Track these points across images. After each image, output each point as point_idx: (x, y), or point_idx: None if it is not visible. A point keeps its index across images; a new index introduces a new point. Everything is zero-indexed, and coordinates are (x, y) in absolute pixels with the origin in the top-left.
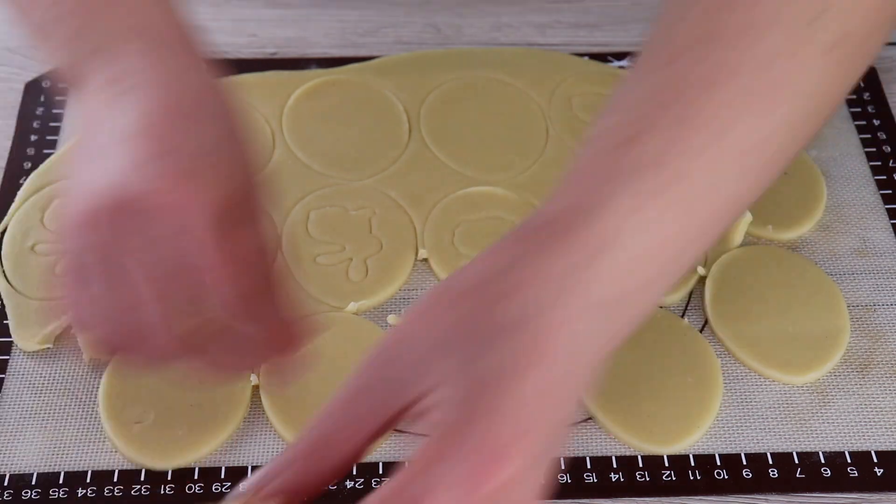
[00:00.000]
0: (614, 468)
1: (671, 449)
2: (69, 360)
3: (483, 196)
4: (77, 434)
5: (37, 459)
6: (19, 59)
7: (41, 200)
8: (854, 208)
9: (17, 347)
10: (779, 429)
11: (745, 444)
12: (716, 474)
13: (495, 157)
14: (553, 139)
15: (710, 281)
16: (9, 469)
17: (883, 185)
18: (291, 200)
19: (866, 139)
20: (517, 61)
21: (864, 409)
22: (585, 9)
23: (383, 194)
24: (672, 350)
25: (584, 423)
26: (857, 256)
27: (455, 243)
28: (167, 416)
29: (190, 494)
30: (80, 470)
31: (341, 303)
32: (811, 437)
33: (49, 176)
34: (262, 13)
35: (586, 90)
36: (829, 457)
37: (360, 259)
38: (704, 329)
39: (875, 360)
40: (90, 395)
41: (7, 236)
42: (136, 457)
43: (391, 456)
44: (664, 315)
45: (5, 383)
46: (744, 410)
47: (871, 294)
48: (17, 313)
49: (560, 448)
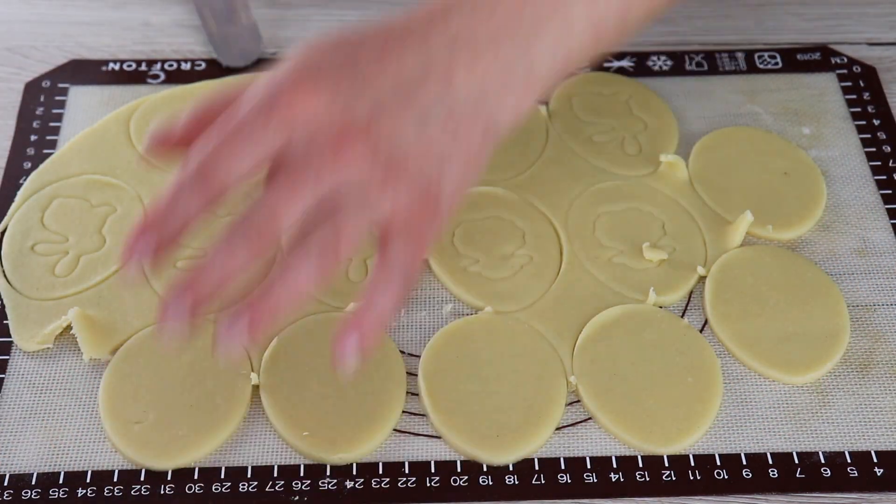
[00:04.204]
0: (614, 468)
1: (671, 449)
2: (69, 359)
3: (483, 196)
4: (77, 434)
5: (37, 459)
6: (19, 59)
7: (41, 200)
8: (854, 208)
9: (17, 347)
10: (779, 429)
11: (745, 444)
12: (716, 474)
13: (495, 157)
14: (553, 139)
15: (710, 281)
16: (9, 469)
17: (883, 184)
18: None
19: (866, 139)
20: None
21: (864, 410)
22: None
23: None
24: (672, 350)
25: (584, 423)
26: (857, 256)
27: (455, 243)
28: (167, 415)
29: (190, 494)
30: (80, 470)
31: (341, 303)
32: (811, 437)
33: (49, 176)
34: (263, 13)
35: (586, 90)
36: (829, 457)
37: (359, 259)
38: (704, 329)
39: (875, 360)
40: (90, 395)
41: (7, 236)
42: (136, 457)
43: (391, 457)
44: (664, 315)
45: (5, 383)
46: (744, 410)
47: (871, 294)
48: (17, 313)
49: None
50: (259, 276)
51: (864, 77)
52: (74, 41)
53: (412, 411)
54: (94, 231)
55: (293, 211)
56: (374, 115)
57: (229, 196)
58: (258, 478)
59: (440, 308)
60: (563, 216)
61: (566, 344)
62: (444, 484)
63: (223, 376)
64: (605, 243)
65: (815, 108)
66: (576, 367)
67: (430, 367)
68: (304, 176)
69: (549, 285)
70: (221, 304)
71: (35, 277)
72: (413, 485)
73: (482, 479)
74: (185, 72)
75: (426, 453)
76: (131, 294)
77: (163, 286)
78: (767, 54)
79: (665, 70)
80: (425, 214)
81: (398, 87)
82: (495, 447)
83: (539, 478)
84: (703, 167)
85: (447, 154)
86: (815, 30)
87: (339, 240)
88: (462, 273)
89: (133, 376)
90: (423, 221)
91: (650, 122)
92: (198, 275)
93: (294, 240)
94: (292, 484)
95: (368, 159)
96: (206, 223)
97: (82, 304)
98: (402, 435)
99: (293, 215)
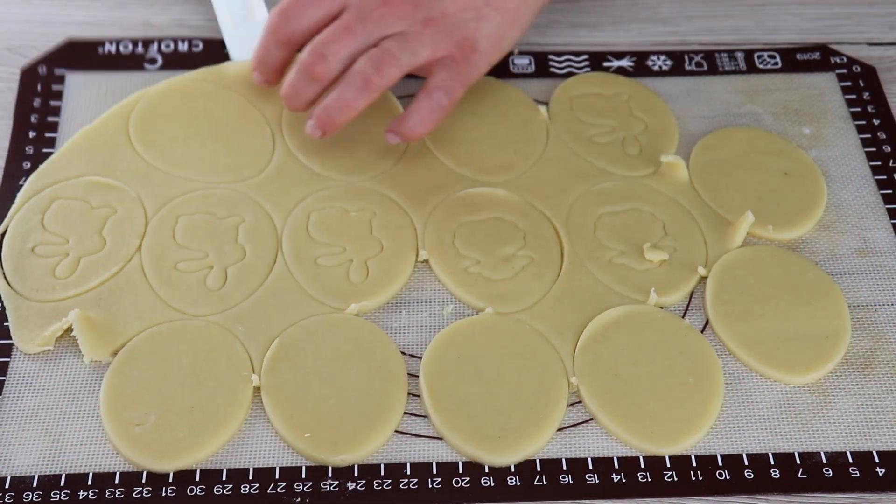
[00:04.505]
0: (616, 469)
1: (673, 449)
2: (70, 361)
3: (483, 197)
4: (78, 436)
5: (38, 462)
6: (19, 59)
7: (41, 202)
8: (854, 208)
9: (18, 349)
10: (780, 429)
11: (747, 444)
12: (717, 475)
13: (495, 158)
14: (553, 140)
15: (711, 281)
16: (10, 471)
17: (883, 184)
18: (292, 202)
19: (866, 139)
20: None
21: (865, 410)
22: (585, 9)
23: (383, 195)
24: (673, 351)
25: (586, 424)
26: (857, 256)
27: (456, 244)
28: (168, 417)
29: (192, 496)
30: (82, 472)
31: (342, 304)
32: (813, 438)
33: (49, 177)
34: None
35: (586, 91)
36: (831, 457)
37: (360, 260)
38: (705, 329)
39: (876, 360)
40: (91, 397)
41: (7, 238)
42: (137, 459)
43: (393, 458)
44: (665, 316)
45: (6, 385)
46: (745, 411)
47: (872, 294)
48: (18, 315)
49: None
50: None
51: (863, 77)
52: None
53: (413, 412)
54: (94, 232)
55: (342, 51)
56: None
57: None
58: (260, 479)
59: (441, 309)
60: (563, 217)
61: (567, 345)
62: (445, 485)
63: (224, 378)
64: (605, 244)
65: (815, 108)
66: (577, 367)
67: (431, 368)
68: (352, 23)
69: (550, 286)
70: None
71: (35, 279)
72: (415, 486)
73: (484, 481)
74: (182, 54)
75: (428, 454)
76: (132, 296)
77: (163, 288)
78: (767, 54)
79: (665, 70)
80: (461, 59)
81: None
82: (497, 448)
83: (541, 479)
84: (703, 167)
85: (483, 14)
86: (815, 30)
87: (377, 69)
88: (463, 274)
89: (134, 378)
90: (460, 63)
91: (650, 122)
92: (289, 104)
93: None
94: (294, 485)
95: (410, 12)
96: (208, 225)
97: (83, 305)
98: (403, 436)
99: (342, 55)
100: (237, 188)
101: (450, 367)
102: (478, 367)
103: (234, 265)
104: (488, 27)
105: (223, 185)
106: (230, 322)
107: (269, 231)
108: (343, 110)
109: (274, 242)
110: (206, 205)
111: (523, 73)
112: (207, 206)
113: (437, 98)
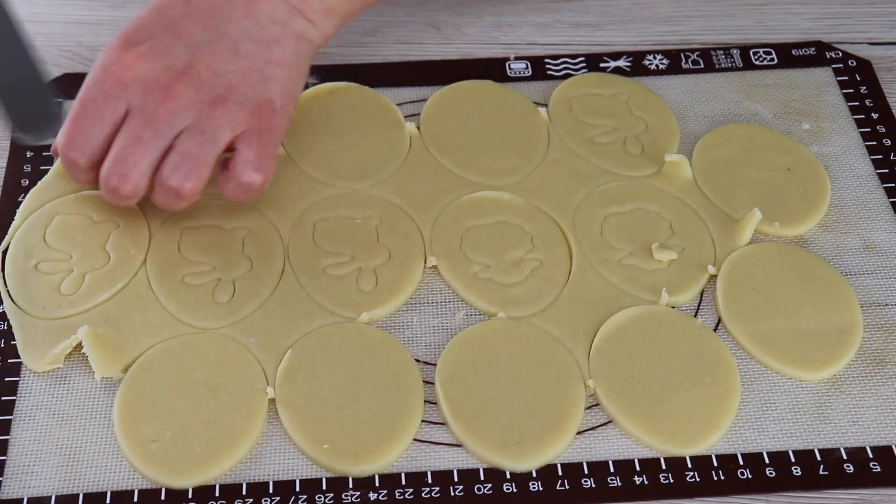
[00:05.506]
0: (638, 471)
1: (693, 450)
2: (80, 379)
3: (489, 201)
4: (94, 454)
5: (54, 482)
6: None
7: (42, 218)
8: (857, 203)
9: (27, 368)
10: (798, 426)
11: (766, 442)
12: (739, 474)
13: (497, 161)
14: (554, 142)
15: (721, 279)
16: (27, 493)
17: (886, 178)
18: (296, 211)
19: (865, 133)
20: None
21: (882, 404)
22: (585, 9)
23: (388, 202)
24: (688, 350)
25: (605, 427)
26: (862, 251)
27: (463, 249)
28: (184, 433)
29: None
30: (100, 491)
31: (353, 313)
32: (832, 434)
33: (48, 193)
34: None
35: (584, 91)
36: (851, 452)
37: (369, 268)
38: (718, 328)
39: (890, 353)
40: (104, 415)
41: (9, 256)
42: (154, 476)
43: (413, 467)
44: (678, 316)
45: (17, 405)
46: (762, 408)
47: (879, 291)
48: (25, 333)
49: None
50: None
51: (859, 71)
52: (74, 41)
53: (431, 420)
54: (97, 248)
55: (140, 163)
56: (192, 59)
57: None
58: (280, 493)
59: (452, 315)
60: (569, 219)
61: (581, 347)
62: (468, 492)
63: (239, 391)
64: (613, 245)
65: (814, 104)
66: (592, 370)
67: (446, 374)
68: (141, 131)
69: (561, 289)
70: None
71: (41, 297)
72: (437, 494)
73: (506, 487)
74: None
75: (448, 462)
76: (140, 311)
77: (171, 302)
78: (763, 50)
79: (662, 69)
80: (263, 128)
81: (207, 29)
82: (518, 454)
83: (563, 483)
84: (706, 165)
85: (267, 74)
86: (815, 29)
87: (185, 178)
88: (473, 279)
89: (147, 394)
90: (262, 133)
91: (651, 121)
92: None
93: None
94: (315, 497)
95: (195, 97)
96: (213, 237)
97: (90, 322)
98: (422, 444)
99: (142, 168)
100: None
101: (465, 373)
102: (493, 372)
103: (242, 277)
104: (276, 85)
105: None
106: (241, 334)
107: (274, 241)
108: (168, 205)
109: (280, 252)
110: (209, 216)
111: (520, 76)
112: (210, 217)
113: (248, 179)
